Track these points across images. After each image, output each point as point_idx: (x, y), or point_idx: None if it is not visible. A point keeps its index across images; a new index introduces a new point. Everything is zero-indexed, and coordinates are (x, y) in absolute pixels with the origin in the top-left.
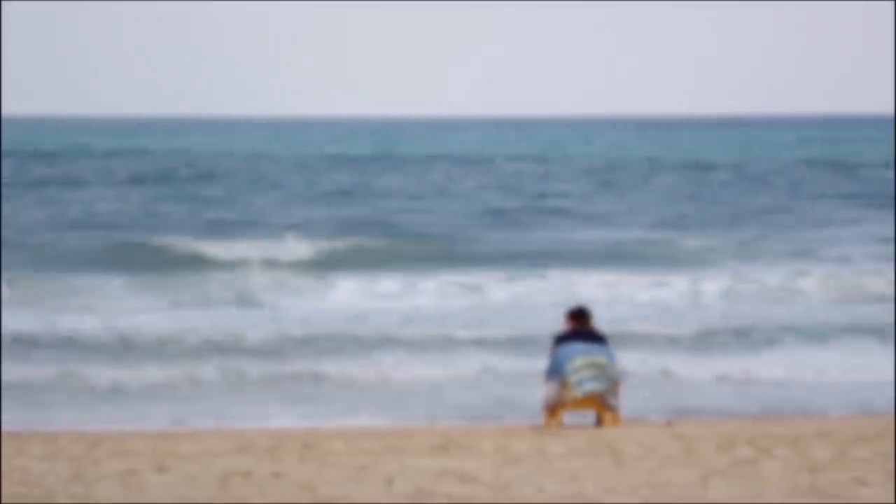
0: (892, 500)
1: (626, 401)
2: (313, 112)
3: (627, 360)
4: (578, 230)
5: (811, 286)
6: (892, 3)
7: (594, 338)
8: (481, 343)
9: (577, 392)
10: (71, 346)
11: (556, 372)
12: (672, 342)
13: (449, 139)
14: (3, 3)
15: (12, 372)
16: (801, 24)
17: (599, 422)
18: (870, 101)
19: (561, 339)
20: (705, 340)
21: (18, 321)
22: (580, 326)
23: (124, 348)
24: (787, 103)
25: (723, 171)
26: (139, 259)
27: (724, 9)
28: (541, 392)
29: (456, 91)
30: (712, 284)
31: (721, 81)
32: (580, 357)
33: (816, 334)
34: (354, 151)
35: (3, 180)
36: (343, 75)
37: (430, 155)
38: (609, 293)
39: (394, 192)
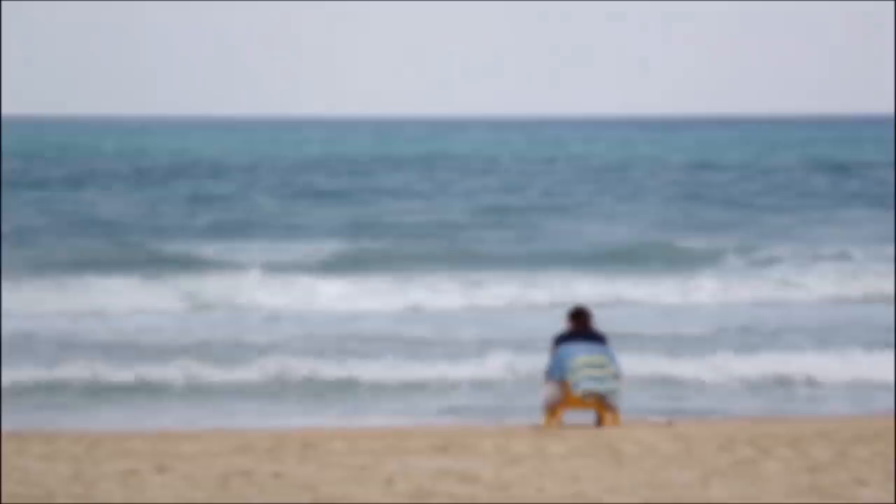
0: (892, 501)
1: (626, 401)
2: (314, 112)
3: (627, 360)
4: (579, 231)
5: (810, 286)
6: (893, 3)
7: (594, 338)
8: (482, 344)
9: (577, 391)
10: (72, 346)
11: (556, 372)
12: (672, 342)
13: (451, 139)
14: (2, 2)
15: (13, 372)
16: (802, 24)
17: (599, 422)
18: (870, 101)
19: (561, 340)
20: (706, 341)
21: (19, 322)
22: (580, 326)
23: (124, 349)
24: (788, 103)
25: (722, 171)
26: (138, 261)
27: (724, 9)
28: (541, 392)
29: (455, 91)
30: (712, 285)
31: (720, 81)
32: (580, 357)
33: (816, 334)
34: (357, 151)
35: (5, 181)
36: (343, 75)
37: (431, 154)
38: (610, 293)
39: (395, 192)
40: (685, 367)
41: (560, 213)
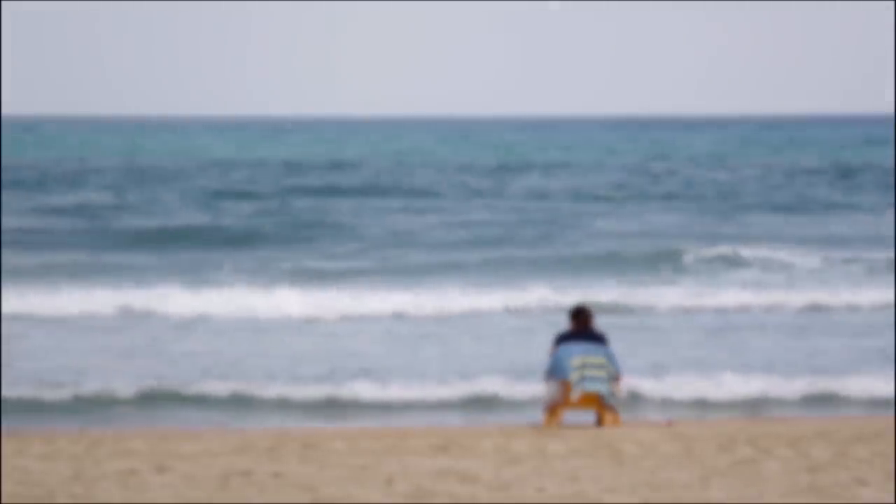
0: (892, 501)
1: (626, 401)
2: (314, 112)
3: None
4: (585, 239)
5: (808, 287)
6: (893, 3)
7: (594, 337)
8: (490, 347)
9: (577, 390)
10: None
11: (556, 372)
12: (676, 343)
13: (458, 139)
14: (2, 2)
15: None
16: (802, 24)
17: (599, 422)
18: (870, 101)
19: (561, 339)
20: (707, 341)
21: (19, 327)
22: (581, 326)
23: (120, 357)
24: (787, 103)
25: (720, 171)
26: (133, 264)
27: (725, 10)
28: (541, 392)
29: (457, 91)
30: (711, 291)
31: (720, 81)
32: (579, 356)
33: (815, 337)
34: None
35: (4, 181)
36: (345, 75)
37: (437, 159)
38: (614, 300)
39: (396, 196)
40: (688, 368)
41: (572, 215)
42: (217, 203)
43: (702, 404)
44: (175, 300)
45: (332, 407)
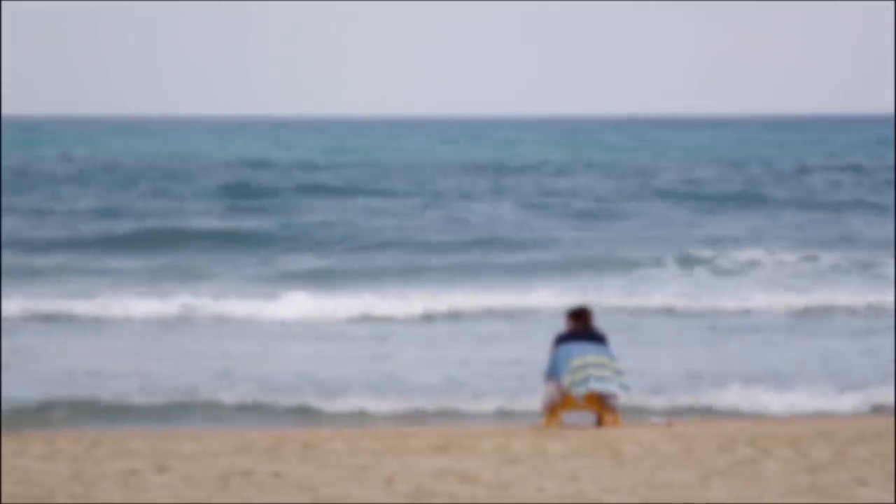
0: (892, 501)
1: (626, 401)
2: (318, 112)
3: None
4: (589, 240)
5: (811, 288)
6: (893, 3)
7: (594, 337)
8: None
9: (578, 392)
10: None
11: (555, 372)
12: (676, 344)
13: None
14: (2, 2)
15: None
16: (802, 24)
17: (599, 422)
18: (870, 101)
19: (561, 339)
20: (708, 342)
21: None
22: (580, 326)
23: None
24: (788, 103)
25: (722, 171)
26: (130, 267)
27: (726, 10)
28: (541, 392)
29: (459, 91)
30: (713, 292)
31: (721, 81)
32: (579, 357)
33: (815, 337)
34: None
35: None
36: (345, 75)
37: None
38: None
39: (399, 195)
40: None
41: (578, 216)
42: (218, 203)
43: (702, 407)
44: (174, 301)
45: (339, 415)
